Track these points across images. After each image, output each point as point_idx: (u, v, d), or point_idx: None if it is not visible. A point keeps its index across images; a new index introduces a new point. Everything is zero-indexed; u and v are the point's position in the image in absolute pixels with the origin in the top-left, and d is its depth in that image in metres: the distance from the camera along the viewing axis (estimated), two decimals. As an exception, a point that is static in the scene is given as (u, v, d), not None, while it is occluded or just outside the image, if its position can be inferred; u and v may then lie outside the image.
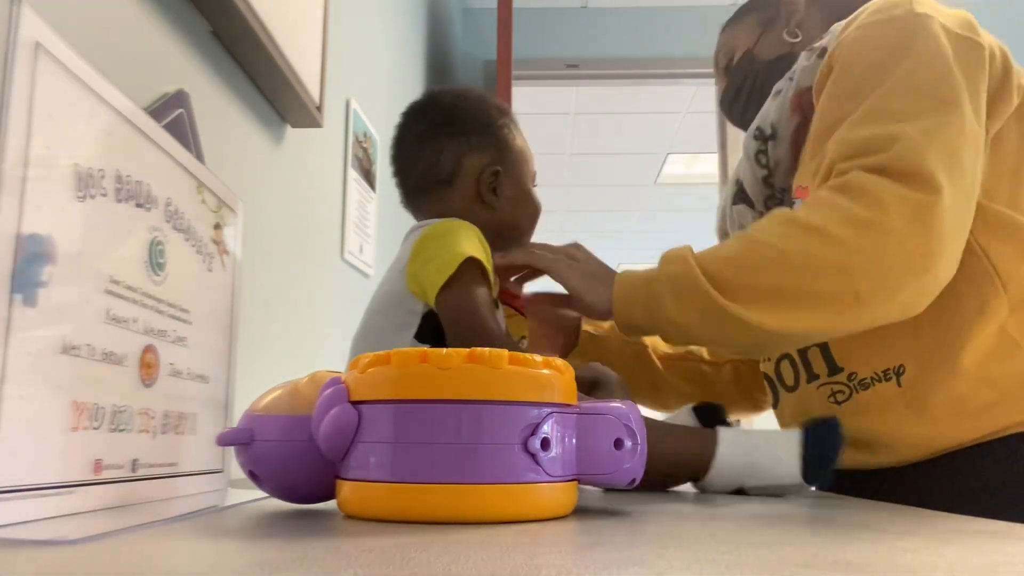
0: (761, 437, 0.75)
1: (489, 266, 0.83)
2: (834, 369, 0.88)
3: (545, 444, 0.46)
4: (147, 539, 0.38)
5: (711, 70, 1.19)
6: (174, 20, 0.88)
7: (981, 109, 0.79)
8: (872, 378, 0.84)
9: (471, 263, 0.79)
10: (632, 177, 5.48)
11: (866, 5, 0.88)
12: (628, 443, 0.50)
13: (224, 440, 0.52)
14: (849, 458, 0.81)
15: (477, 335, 0.76)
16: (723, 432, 0.76)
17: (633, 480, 0.50)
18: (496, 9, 2.79)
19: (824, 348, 0.89)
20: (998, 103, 0.82)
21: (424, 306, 0.82)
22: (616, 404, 0.51)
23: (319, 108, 1.28)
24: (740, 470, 0.74)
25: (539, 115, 4.53)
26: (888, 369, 0.83)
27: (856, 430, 0.83)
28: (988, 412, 0.80)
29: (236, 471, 0.59)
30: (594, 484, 0.51)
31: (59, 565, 0.31)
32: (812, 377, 0.91)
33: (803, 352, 0.92)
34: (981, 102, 0.79)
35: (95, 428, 0.51)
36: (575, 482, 0.50)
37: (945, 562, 0.33)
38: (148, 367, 0.59)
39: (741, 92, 1.10)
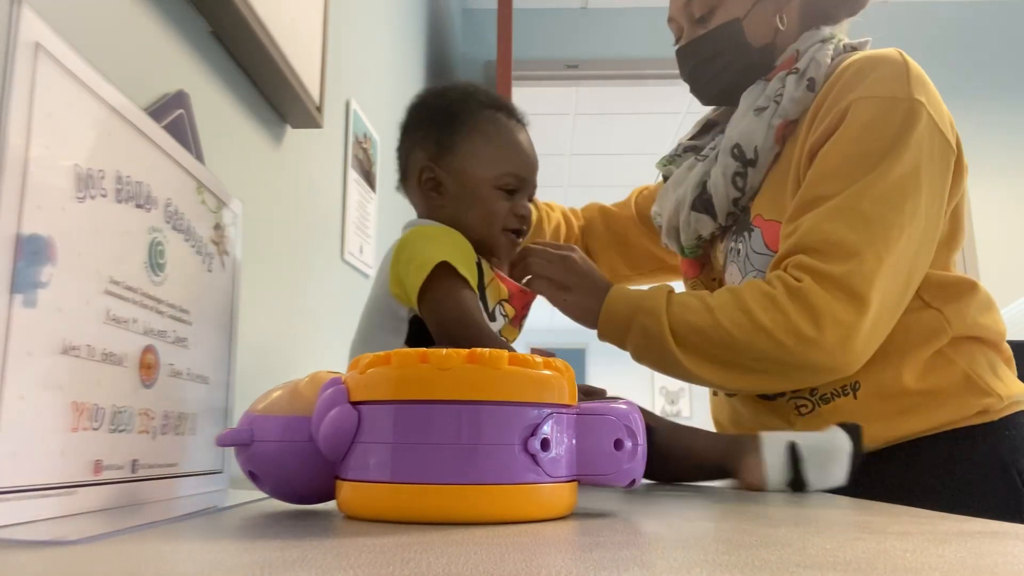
0: (814, 442, 0.80)
1: (467, 269, 0.81)
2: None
3: (545, 444, 0.46)
4: (147, 540, 0.38)
5: None
6: (174, 20, 0.88)
7: (942, 207, 0.93)
8: (832, 393, 0.96)
9: (443, 267, 0.78)
10: (632, 177, 5.47)
11: (870, 58, 0.94)
12: (628, 444, 0.50)
13: (224, 440, 0.52)
14: None
15: (464, 334, 0.75)
16: (770, 439, 0.80)
17: (633, 480, 0.50)
18: (496, 9, 2.79)
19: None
20: (952, 191, 0.95)
21: (409, 311, 0.82)
22: (616, 404, 0.51)
23: (319, 108, 1.28)
24: (788, 476, 0.79)
25: (539, 115, 4.52)
26: (846, 385, 0.96)
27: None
28: (927, 414, 0.94)
29: (236, 471, 0.59)
30: (594, 484, 0.51)
31: (59, 565, 0.31)
32: (778, 394, 1.00)
33: None
34: (943, 200, 0.93)
35: (95, 428, 0.51)
36: (575, 483, 0.50)
37: (945, 562, 0.33)
38: (148, 368, 0.59)
39: (717, 62, 1.06)
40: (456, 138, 0.89)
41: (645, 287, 0.97)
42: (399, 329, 0.83)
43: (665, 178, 1.17)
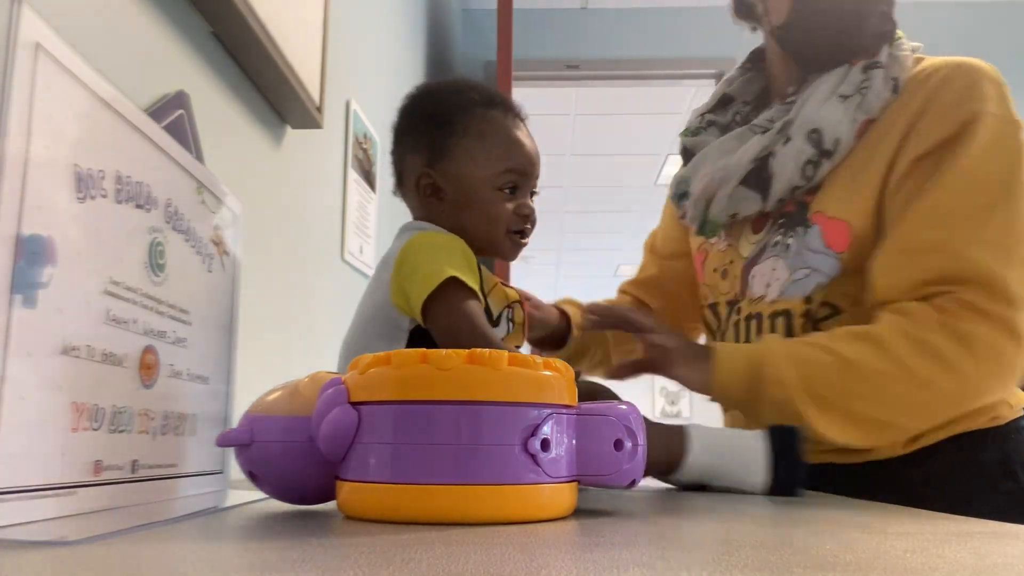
0: (731, 441, 0.78)
1: (472, 279, 0.79)
2: None
3: (545, 445, 0.46)
4: (147, 540, 0.38)
5: (711, 70, 1.16)
6: (174, 21, 0.88)
7: None
8: None
9: (450, 280, 0.75)
10: (632, 178, 5.48)
11: (969, 68, 0.91)
12: (628, 444, 0.50)
13: (224, 441, 0.52)
14: (826, 457, 0.90)
15: (475, 346, 0.74)
16: (694, 431, 0.78)
17: (633, 481, 0.50)
18: (496, 9, 2.79)
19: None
20: None
21: (411, 322, 0.81)
22: (616, 405, 0.51)
23: (319, 109, 1.28)
24: (705, 471, 0.77)
25: (539, 115, 4.52)
26: None
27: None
28: (946, 424, 0.90)
29: (236, 471, 0.59)
30: (594, 485, 0.51)
31: (59, 565, 0.31)
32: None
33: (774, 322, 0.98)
34: None
35: (95, 429, 0.51)
36: (575, 483, 0.50)
37: (945, 562, 0.33)
38: (148, 368, 0.59)
39: (835, 17, 0.98)
40: (450, 141, 0.86)
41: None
42: (398, 339, 0.81)
43: (687, 149, 1.10)
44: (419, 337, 0.80)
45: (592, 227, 6.38)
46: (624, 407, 0.51)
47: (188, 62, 0.91)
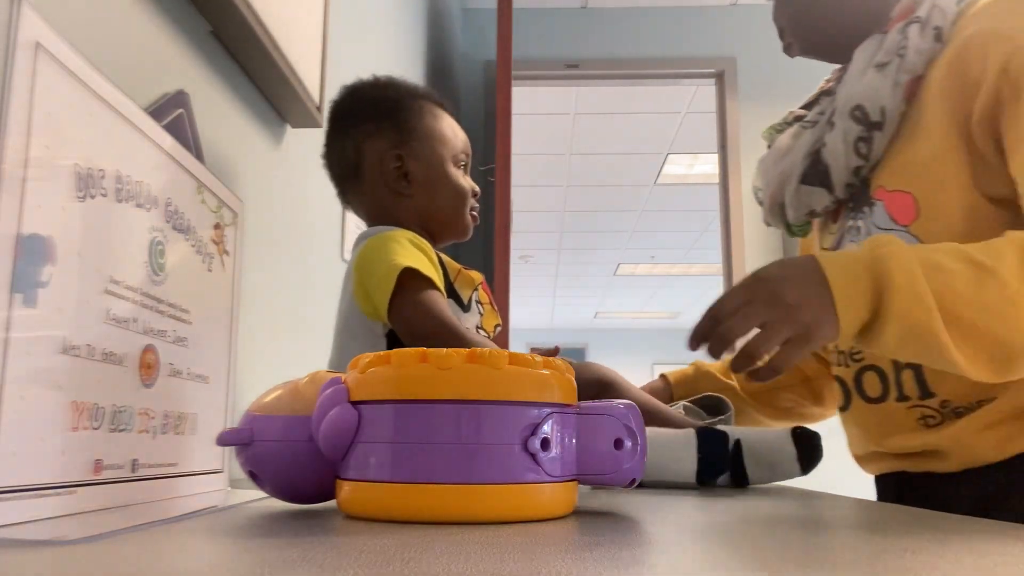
0: (663, 437, 0.78)
1: (430, 269, 0.80)
2: (926, 394, 0.87)
3: (545, 444, 0.46)
4: (147, 539, 0.38)
5: (711, 70, 1.13)
6: (174, 20, 0.88)
7: None
8: (966, 407, 0.84)
9: (408, 274, 0.77)
10: (632, 177, 5.48)
11: None
12: (628, 443, 0.50)
13: (224, 440, 0.52)
14: (918, 466, 0.86)
15: (443, 341, 0.74)
16: None
17: (633, 480, 0.50)
18: (496, 9, 2.79)
19: (918, 372, 0.87)
20: None
21: (383, 327, 0.81)
22: (616, 404, 0.51)
23: (319, 108, 1.28)
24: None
25: (539, 115, 4.54)
26: (982, 400, 0.83)
27: (933, 443, 0.85)
28: None
29: (236, 471, 0.59)
30: (594, 484, 0.51)
31: (59, 565, 0.31)
32: (903, 398, 0.88)
33: (896, 370, 0.89)
34: None
35: (95, 428, 0.51)
36: (575, 482, 0.50)
37: (945, 562, 0.33)
38: (148, 367, 0.59)
39: (820, 4, 0.96)
40: (414, 122, 0.90)
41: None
42: (378, 345, 0.82)
43: (769, 147, 1.06)
44: (397, 339, 0.80)
45: (592, 227, 6.38)
46: (624, 406, 0.51)
47: (188, 62, 0.91)
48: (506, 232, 2.53)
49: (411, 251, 0.80)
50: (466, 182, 0.91)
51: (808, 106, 1.04)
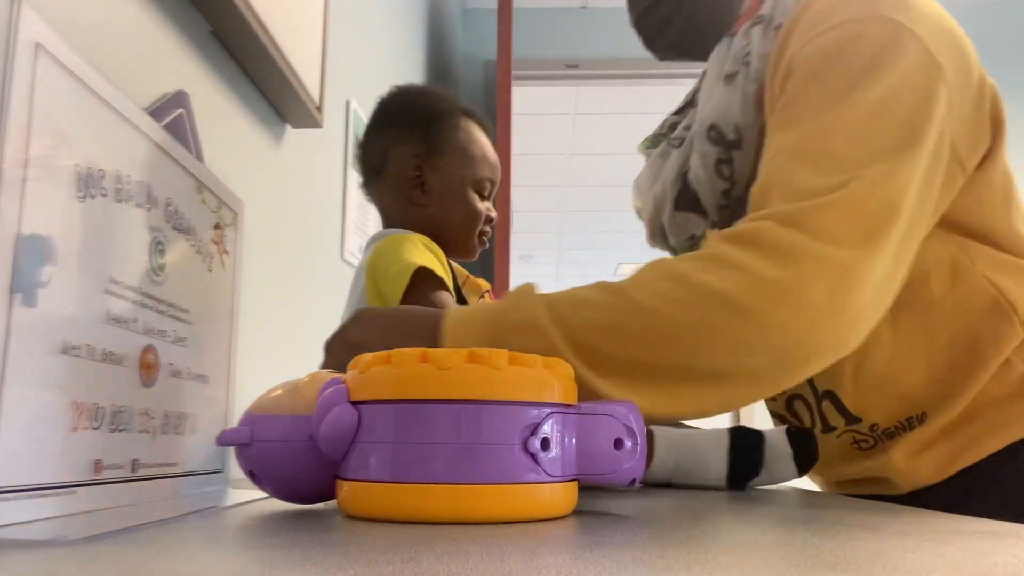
0: (695, 440, 0.79)
1: (442, 269, 0.83)
2: (852, 419, 0.83)
3: (545, 444, 0.46)
4: (147, 539, 0.38)
5: None
6: (174, 20, 0.88)
7: (943, 150, 0.71)
8: (896, 427, 0.81)
9: (421, 272, 0.79)
10: (632, 177, 5.48)
11: None
12: (628, 443, 0.50)
13: (224, 440, 0.52)
14: (867, 490, 0.84)
15: None
16: (660, 434, 0.80)
17: (633, 480, 0.50)
18: (496, 9, 2.79)
19: (835, 400, 0.83)
20: (978, 134, 0.76)
21: None
22: (616, 404, 0.51)
23: (319, 108, 1.28)
24: (672, 471, 0.79)
25: (539, 115, 4.54)
26: (911, 417, 0.80)
27: (875, 469, 0.83)
28: (993, 434, 0.78)
29: (236, 471, 0.59)
30: (594, 484, 0.51)
31: (59, 565, 0.31)
32: (828, 428, 0.86)
33: (817, 401, 0.85)
34: (944, 143, 0.71)
35: (95, 428, 0.51)
36: (575, 482, 0.50)
37: (945, 562, 0.33)
38: (148, 367, 0.59)
39: (659, 9, 0.90)
40: (444, 138, 0.92)
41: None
42: None
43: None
44: None
45: (592, 227, 6.38)
46: (624, 407, 0.51)
47: (188, 62, 0.91)
48: (506, 232, 2.53)
49: (424, 252, 0.82)
50: (481, 206, 0.93)
51: (682, 110, 0.99)
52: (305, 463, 0.50)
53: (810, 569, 0.30)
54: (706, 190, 0.84)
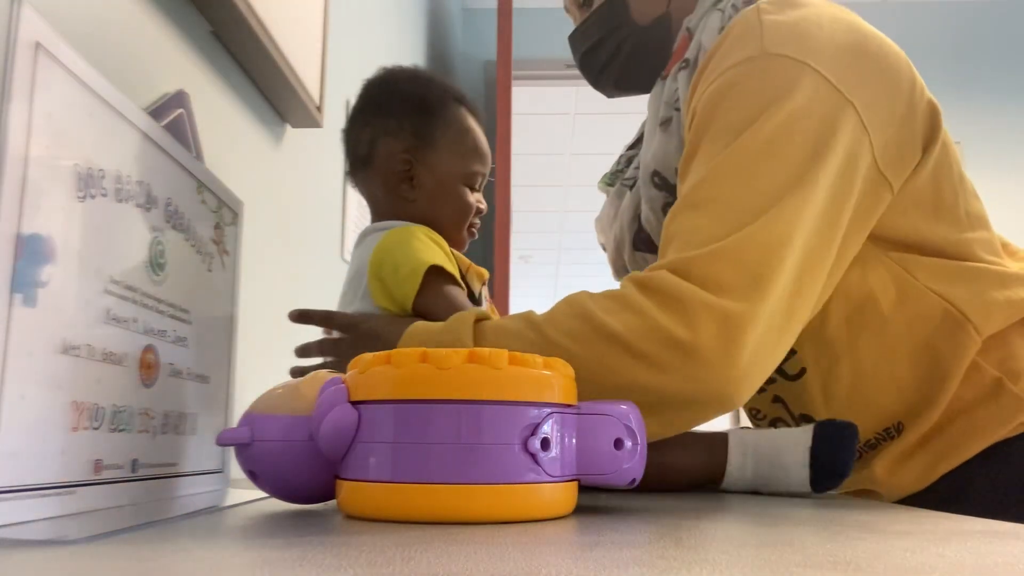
0: (772, 443, 0.74)
1: (450, 263, 0.81)
2: None
3: (545, 444, 0.46)
4: (147, 539, 0.38)
5: None
6: (174, 20, 0.88)
7: (854, 175, 0.71)
8: (876, 438, 0.82)
9: (433, 270, 0.78)
10: (632, 177, 5.48)
11: (729, 29, 0.76)
12: (628, 443, 0.50)
13: (224, 440, 0.52)
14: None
15: None
16: (734, 440, 0.76)
17: (633, 480, 0.50)
18: (496, 9, 2.79)
19: (810, 420, 0.82)
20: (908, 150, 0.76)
21: None
22: (616, 404, 0.51)
23: (319, 108, 1.28)
24: (751, 481, 0.75)
25: (539, 115, 4.53)
26: (888, 428, 0.81)
27: (860, 482, 0.83)
28: (971, 438, 0.79)
29: (236, 470, 0.59)
30: (594, 484, 0.51)
31: (59, 565, 0.31)
32: None
33: (797, 424, 0.85)
34: (857, 169, 0.71)
35: (95, 428, 0.51)
36: (575, 482, 0.50)
37: (945, 562, 0.33)
38: (148, 367, 0.59)
39: (604, 48, 0.93)
40: (436, 131, 0.89)
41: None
42: None
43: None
44: None
45: (592, 227, 6.38)
46: (624, 406, 0.51)
47: (188, 62, 0.91)
48: (506, 232, 2.53)
49: (431, 247, 0.81)
50: (471, 199, 0.90)
51: (636, 143, 1.00)
52: (305, 463, 0.50)
53: (810, 569, 0.30)
54: (657, 232, 0.85)
